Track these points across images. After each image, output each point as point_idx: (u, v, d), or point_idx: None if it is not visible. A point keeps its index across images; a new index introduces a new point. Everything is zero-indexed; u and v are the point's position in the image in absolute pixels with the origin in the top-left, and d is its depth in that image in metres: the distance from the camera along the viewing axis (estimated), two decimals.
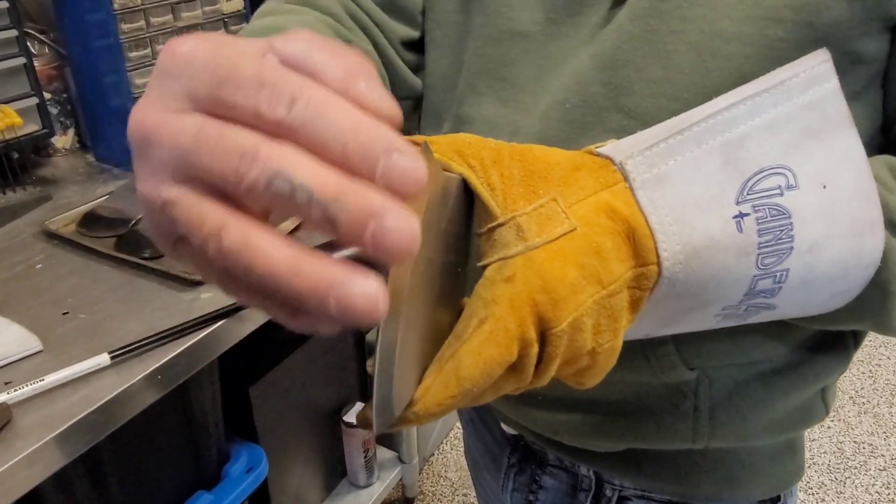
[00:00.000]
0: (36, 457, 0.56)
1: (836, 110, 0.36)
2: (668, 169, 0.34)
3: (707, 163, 0.35)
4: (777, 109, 0.35)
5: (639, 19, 0.43)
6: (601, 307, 0.33)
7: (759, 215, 0.35)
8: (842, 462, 1.84)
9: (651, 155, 0.34)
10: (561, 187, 0.33)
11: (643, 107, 0.43)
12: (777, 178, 0.35)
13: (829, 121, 0.36)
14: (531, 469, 0.65)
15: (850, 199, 0.36)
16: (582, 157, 0.35)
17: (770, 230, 0.35)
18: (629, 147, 0.34)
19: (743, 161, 0.35)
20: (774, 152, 0.35)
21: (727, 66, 0.41)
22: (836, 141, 0.36)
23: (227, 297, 0.82)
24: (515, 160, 0.33)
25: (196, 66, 0.22)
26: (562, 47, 0.47)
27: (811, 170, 0.35)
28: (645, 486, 0.58)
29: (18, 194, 0.97)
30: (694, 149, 0.34)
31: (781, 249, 0.36)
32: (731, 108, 0.35)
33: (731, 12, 0.40)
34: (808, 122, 0.35)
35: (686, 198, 0.34)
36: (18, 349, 0.66)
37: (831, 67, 0.35)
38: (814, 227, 0.36)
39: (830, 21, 0.39)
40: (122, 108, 1.04)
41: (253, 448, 1.10)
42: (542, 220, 0.32)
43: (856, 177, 0.36)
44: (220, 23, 1.14)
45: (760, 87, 0.35)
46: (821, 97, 0.35)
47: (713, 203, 0.35)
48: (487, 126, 0.51)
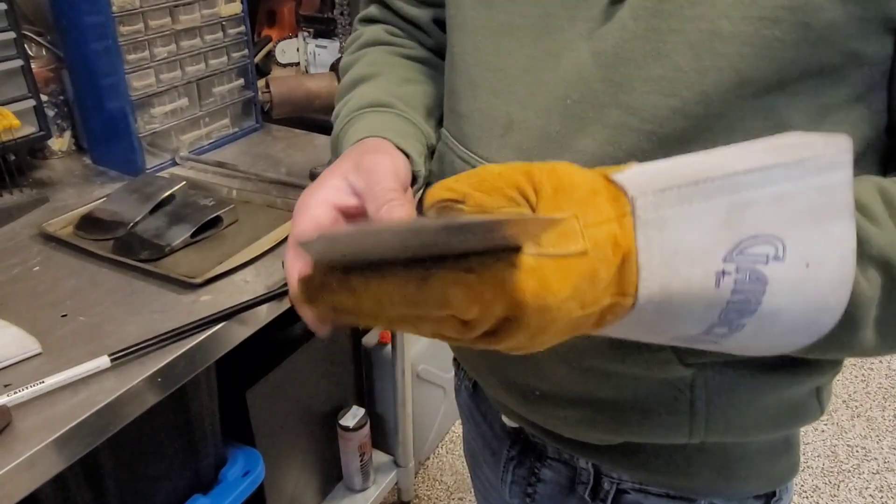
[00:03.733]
0: (36, 460, 0.56)
1: (843, 199, 0.37)
2: (673, 214, 0.36)
3: (710, 217, 0.36)
4: (789, 185, 0.36)
5: (641, 18, 0.43)
6: (571, 323, 0.35)
7: (739, 276, 0.37)
8: (835, 465, 1.85)
9: (662, 197, 0.36)
10: (582, 207, 0.35)
11: (642, 103, 0.44)
12: (768, 247, 0.37)
13: (833, 207, 0.37)
14: (530, 462, 0.65)
15: (826, 282, 0.38)
16: (600, 182, 0.36)
17: (743, 292, 0.38)
18: (644, 183, 0.36)
19: (742, 223, 0.36)
20: (774, 223, 0.37)
21: (725, 64, 0.41)
22: (833, 227, 0.37)
23: (226, 300, 0.82)
24: (546, 176, 0.36)
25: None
26: (557, 40, 0.47)
27: (801, 248, 0.37)
28: (642, 479, 0.59)
29: (15, 196, 0.97)
30: (702, 202, 0.36)
31: (746, 310, 0.38)
32: (748, 173, 0.36)
33: (729, 12, 0.41)
34: (814, 203, 0.37)
35: (680, 244, 0.36)
36: (17, 351, 0.66)
37: (850, 158, 0.37)
38: (782, 299, 0.38)
39: (827, 22, 0.40)
40: (120, 111, 1.04)
41: (249, 452, 1.09)
42: (561, 234, 0.34)
43: (839, 264, 0.38)
44: (219, 26, 1.14)
45: (781, 159, 0.36)
46: (833, 184, 0.37)
47: (703, 256, 0.36)
48: (482, 118, 0.52)
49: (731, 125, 0.43)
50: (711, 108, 0.43)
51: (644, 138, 0.44)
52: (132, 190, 0.95)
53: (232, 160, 1.12)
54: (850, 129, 0.44)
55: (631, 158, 0.45)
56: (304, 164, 1.13)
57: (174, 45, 1.08)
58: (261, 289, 0.78)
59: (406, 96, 0.59)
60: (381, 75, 0.61)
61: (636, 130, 0.44)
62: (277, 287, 0.77)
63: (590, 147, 0.46)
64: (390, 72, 0.61)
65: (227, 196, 1.00)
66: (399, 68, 0.62)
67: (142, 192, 0.94)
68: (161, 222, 0.89)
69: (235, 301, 0.74)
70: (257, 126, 1.27)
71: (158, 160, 1.11)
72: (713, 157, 0.37)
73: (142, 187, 0.95)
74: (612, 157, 0.45)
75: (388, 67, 0.62)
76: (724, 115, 0.43)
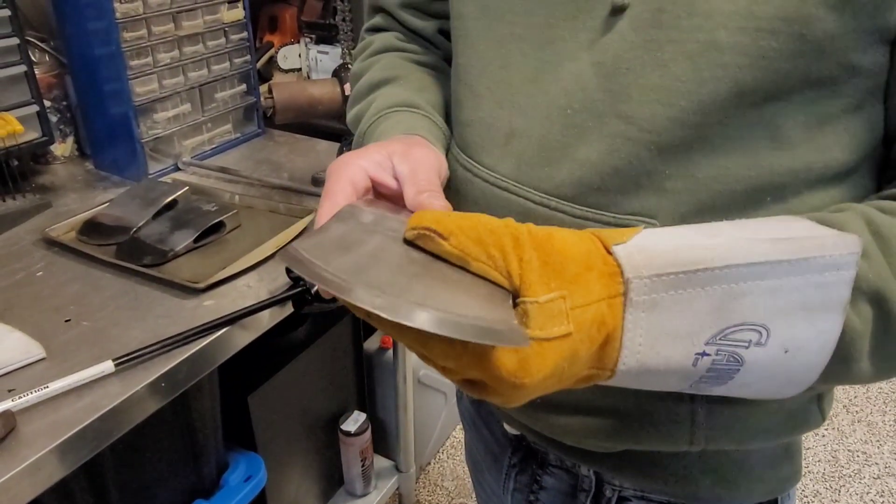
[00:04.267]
0: (41, 464, 0.56)
1: (837, 296, 0.38)
2: (665, 298, 0.36)
3: (701, 303, 0.37)
4: (788, 280, 0.37)
5: (640, 29, 0.44)
6: (547, 390, 0.37)
7: (717, 358, 0.38)
8: (836, 470, 1.85)
9: (657, 281, 0.36)
10: (572, 286, 0.35)
11: (640, 113, 0.44)
12: (753, 333, 0.38)
13: (826, 303, 0.38)
14: (532, 469, 0.65)
15: (799, 366, 0.40)
16: (597, 256, 0.37)
17: (717, 370, 0.39)
18: (643, 264, 0.36)
19: (733, 312, 0.37)
20: (764, 313, 0.38)
21: (723, 74, 0.42)
22: (821, 320, 0.38)
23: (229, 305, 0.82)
24: (535, 250, 0.36)
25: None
26: (558, 51, 0.48)
27: (785, 336, 0.38)
28: (644, 487, 0.59)
29: (18, 201, 0.97)
30: (697, 288, 0.37)
31: (716, 383, 0.40)
32: (751, 266, 0.37)
33: (726, 23, 0.41)
34: (809, 298, 0.38)
35: (666, 327, 0.37)
36: (21, 356, 0.66)
37: (856, 258, 0.37)
38: (753, 376, 0.40)
39: (822, 33, 0.40)
40: (123, 116, 1.04)
41: (251, 457, 1.09)
42: (546, 316, 0.34)
43: (817, 353, 0.39)
44: (221, 32, 1.14)
45: (786, 255, 0.37)
46: (832, 282, 0.38)
47: (686, 339, 0.38)
48: (484, 127, 0.52)
49: (729, 134, 0.43)
50: (709, 118, 0.43)
51: (643, 147, 0.44)
52: (135, 195, 0.96)
53: (234, 165, 1.13)
54: (846, 138, 0.45)
55: (628, 167, 0.45)
56: (306, 170, 1.13)
57: (177, 51, 1.08)
58: (263, 294, 0.79)
59: (429, 101, 0.60)
60: (401, 79, 0.61)
61: (635, 139, 0.45)
62: (280, 292, 0.78)
63: (590, 156, 0.46)
64: (408, 76, 0.62)
65: (229, 201, 1.00)
66: (415, 73, 0.63)
67: (144, 197, 0.95)
68: (164, 227, 0.89)
69: (238, 306, 0.74)
70: (259, 131, 1.28)
71: (161, 165, 1.11)
72: (719, 240, 0.38)
73: (144, 192, 0.96)
74: (611, 166, 0.45)
75: (405, 72, 0.62)
76: (721, 124, 0.43)
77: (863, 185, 0.48)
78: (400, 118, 0.56)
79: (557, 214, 0.48)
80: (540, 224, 0.48)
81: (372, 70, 0.63)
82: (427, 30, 0.65)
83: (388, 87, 0.61)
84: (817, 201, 0.45)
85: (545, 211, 0.48)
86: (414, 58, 0.64)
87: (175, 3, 1.05)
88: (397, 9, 0.66)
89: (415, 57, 0.64)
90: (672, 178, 0.45)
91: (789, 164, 0.44)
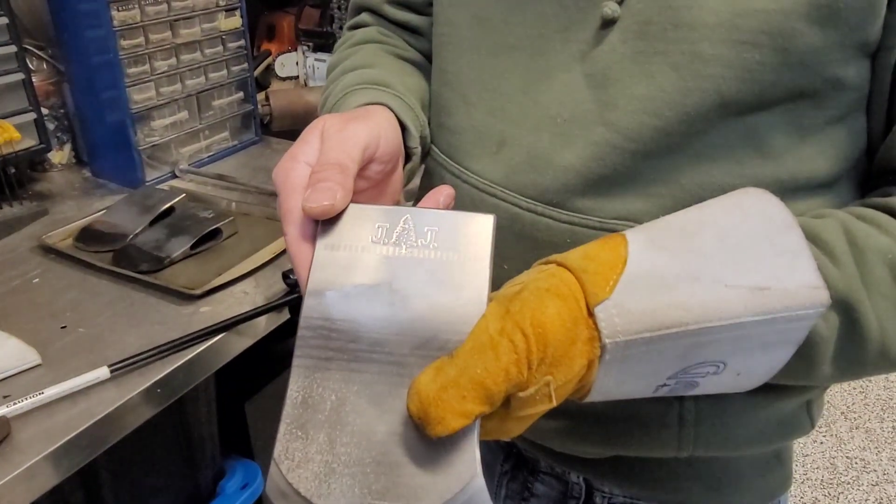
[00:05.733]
0: (35, 471, 0.56)
1: (796, 337, 0.39)
2: (638, 353, 0.38)
3: (670, 354, 0.38)
4: (756, 330, 0.38)
5: (629, 41, 0.44)
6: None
7: (675, 387, 0.41)
8: (835, 477, 1.84)
9: (633, 342, 0.37)
10: (556, 369, 0.36)
11: (626, 122, 0.45)
12: (711, 367, 0.40)
13: (786, 342, 0.39)
14: (523, 476, 0.65)
15: (748, 382, 0.42)
16: (580, 325, 0.37)
17: (674, 391, 0.41)
18: (621, 327, 0.37)
19: (697, 356, 0.39)
20: (725, 353, 0.39)
21: (707, 86, 0.42)
22: (777, 352, 0.40)
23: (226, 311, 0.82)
24: (536, 352, 0.36)
25: None
26: (549, 61, 0.48)
27: (739, 365, 0.40)
28: (633, 494, 0.59)
29: (15, 208, 0.97)
30: (669, 343, 0.38)
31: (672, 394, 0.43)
32: (721, 328, 0.37)
33: (710, 35, 0.42)
34: (769, 339, 0.39)
35: (633, 371, 0.39)
36: (17, 363, 0.66)
37: (822, 312, 0.38)
38: (706, 390, 0.42)
39: (805, 47, 0.41)
40: (120, 124, 1.05)
41: (248, 464, 1.09)
42: (531, 402, 0.36)
43: (767, 372, 0.41)
44: (218, 40, 1.15)
45: (757, 314, 0.37)
46: (793, 328, 0.39)
47: (651, 377, 0.40)
48: (475, 135, 0.52)
49: (713, 144, 0.44)
50: (694, 128, 0.43)
51: (628, 156, 0.45)
52: (132, 202, 0.96)
53: (231, 173, 1.13)
54: (830, 149, 0.45)
55: (614, 174, 0.45)
56: None
57: (174, 59, 1.09)
58: (260, 300, 0.79)
59: (407, 85, 0.58)
60: (378, 66, 0.59)
61: (620, 148, 0.45)
62: (277, 298, 0.78)
63: (574, 163, 0.47)
64: (387, 65, 0.60)
65: (226, 208, 1.01)
66: (395, 63, 0.61)
67: (141, 204, 0.95)
68: (161, 234, 0.90)
69: (234, 312, 0.74)
70: (256, 139, 1.28)
71: (158, 173, 1.11)
72: (698, 294, 0.38)
73: (141, 200, 0.96)
74: (596, 173, 0.46)
75: (385, 61, 0.61)
76: (706, 134, 0.43)
77: (847, 194, 0.48)
78: (368, 93, 0.53)
79: (544, 220, 0.48)
80: (527, 230, 0.49)
81: (350, 59, 0.61)
82: (413, 21, 0.64)
83: (363, 70, 0.58)
84: (802, 209, 0.46)
85: (532, 216, 0.49)
86: (395, 51, 0.63)
87: (173, 11, 1.06)
88: (383, 4, 0.65)
89: (396, 51, 0.63)
90: (656, 184, 0.45)
91: (774, 174, 0.45)
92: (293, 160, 0.42)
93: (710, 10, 0.41)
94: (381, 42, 0.64)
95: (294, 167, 0.42)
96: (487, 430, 0.37)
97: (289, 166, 0.42)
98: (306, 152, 0.43)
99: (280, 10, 1.53)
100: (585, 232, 0.47)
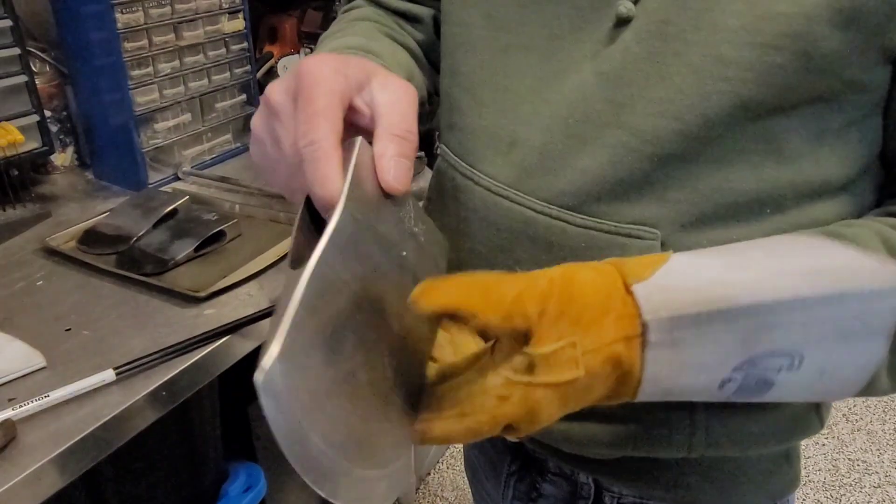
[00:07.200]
0: (41, 474, 0.56)
1: (881, 324, 0.36)
2: (688, 336, 0.36)
3: (726, 337, 0.36)
4: (823, 310, 0.36)
5: (644, 41, 0.44)
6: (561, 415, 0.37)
7: (745, 382, 0.38)
8: (836, 479, 1.84)
9: (679, 320, 0.35)
10: (584, 332, 0.35)
11: (644, 125, 0.44)
12: (784, 359, 0.37)
13: (867, 330, 0.37)
14: (531, 477, 0.65)
15: (837, 384, 0.39)
16: (616, 297, 0.36)
17: (745, 393, 0.38)
18: (662, 304, 0.36)
19: (762, 341, 0.36)
20: (796, 341, 0.36)
21: (727, 89, 0.42)
22: (863, 344, 0.37)
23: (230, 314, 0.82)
24: (558, 295, 0.35)
25: None
26: (562, 61, 0.48)
27: (820, 360, 0.37)
28: (643, 494, 0.59)
29: (18, 211, 0.97)
30: (723, 324, 0.36)
31: (748, 398, 0.39)
32: (778, 304, 0.35)
33: (731, 38, 0.41)
34: (847, 327, 0.36)
35: (689, 360, 0.36)
36: (22, 365, 0.66)
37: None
38: (786, 394, 0.39)
39: (828, 51, 0.40)
40: (123, 126, 1.05)
41: (251, 467, 1.09)
42: (555, 363, 0.34)
43: (856, 372, 0.38)
44: (222, 42, 1.15)
45: (818, 290, 0.35)
46: (873, 311, 0.36)
47: (713, 368, 0.37)
48: (486, 135, 0.52)
49: (731, 147, 0.44)
50: (712, 131, 0.43)
51: (645, 158, 0.45)
52: (135, 204, 0.96)
53: (234, 175, 1.13)
54: (846, 152, 0.45)
55: (631, 178, 0.45)
56: None
57: (178, 61, 1.09)
58: (264, 302, 0.79)
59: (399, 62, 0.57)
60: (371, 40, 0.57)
61: (637, 151, 0.45)
62: None
63: (590, 166, 0.46)
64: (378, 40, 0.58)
65: (229, 210, 1.01)
66: (386, 42, 0.59)
67: (145, 206, 0.95)
68: (164, 237, 0.89)
69: (239, 315, 0.74)
70: None
71: (161, 175, 1.11)
72: (746, 275, 0.36)
73: (145, 202, 0.96)
74: (613, 177, 0.46)
75: (376, 37, 0.58)
76: (724, 137, 0.43)
77: (862, 198, 0.48)
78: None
79: (559, 223, 0.48)
80: (542, 233, 0.48)
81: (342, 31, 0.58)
82: (413, 9, 0.64)
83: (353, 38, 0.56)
84: (818, 213, 0.46)
85: (546, 220, 0.48)
86: (390, 32, 0.62)
87: (176, 13, 1.06)
88: None
89: (391, 32, 0.62)
90: (674, 189, 0.45)
91: (790, 178, 0.44)
92: (335, 66, 0.37)
93: (731, 13, 0.41)
94: (377, 22, 0.62)
95: (335, 73, 0.36)
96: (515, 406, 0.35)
97: (328, 67, 0.36)
98: (348, 69, 0.38)
99: (283, 12, 1.53)
100: (601, 236, 0.47)
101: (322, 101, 0.35)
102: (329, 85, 0.36)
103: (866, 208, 0.48)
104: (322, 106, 0.35)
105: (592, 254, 0.47)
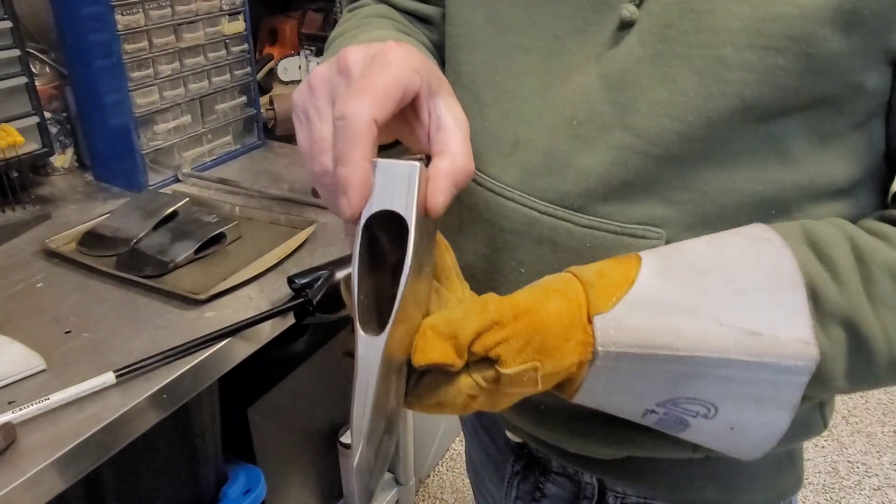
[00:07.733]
0: (41, 477, 0.56)
1: (788, 397, 0.40)
2: (627, 368, 0.40)
3: (658, 377, 0.40)
4: (745, 373, 0.39)
5: (648, 43, 0.44)
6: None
7: (664, 417, 0.42)
8: (836, 482, 1.84)
9: (625, 354, 0.39)
10: (546, 357, 0.39)
11: (647, 126, 0.44)
12: (701, 407, 0.41)
13: (776, 400, 0.40)
14: (534, 476, 0.65)
15: (746, 442, 0.43)
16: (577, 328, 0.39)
17: (665, 426, 0.43)
18: (614, 339, 0.39)
19: (687, 387, 0.40)
20: (715, 393, 0.40)
21: (730, 90, 0.42)
22: (770, 413, 0.41)
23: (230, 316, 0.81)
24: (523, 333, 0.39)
25: None
26: (565, 63, 0.48)
27: (732, 417, 0.41)
28: (647, 494, 0.59)
29: (17, 213, 0.97)
30: (658, 365, 0.39)
31: (668, 431, 0.44)
32: (709, 360, 0.39)
33: (734, 39, 0.41)
34: (760, 392, 0.40)
35: (623, 386, 0.41)
36: (22, 368, 0.65)
37: (812, 369, 0.39)
38: (700, 438, 0.43)
39: (830, 53, 0.41)
40: (123, 128, 1.04)
41: (251, 469, 1.09)
42: (517, 381, 0.39)
43: (765, 437, 0.42)
44: (222, 44, 1.15)
45: (746, 356, 0.39)
46: (785, 383, 0.40)
47: (639, 398, 0.41)
48: (489, 136, 0.52)
49: (735, 149, 0.44)
50: (716, 133, 0.43)
51: (650, 160, 0.45)
52: (135, 206, 0.95)
53: (234, 177, 1.13)
54: (849, 155, 0.45)
55: (635, 179, 0.45)
56: (306, 181, 1.13)
57: (178, 63, 1.08)
58: (264, 305, 0.78)
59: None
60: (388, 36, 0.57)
61: (641, 152, 0.45)
62: (281, 303, 0.77)
63: (595, 167, 0.46)
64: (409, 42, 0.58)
65: (230, 213, 1.00)
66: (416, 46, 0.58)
67: (145, 208, 0.94)
68: (164, 239, 0.89)
69: (239, 317, 0.74)
70: (259, 143, 1.28)
71: (161, 177, 1.11)
72: (695, 325, 0.39)
73: (145, 204, 0.96)
74: (618, 178, 0.46)
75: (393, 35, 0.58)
76: (727, 139, 0.43)
77: (866, 200, 0.48)
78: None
79: (564, 224, 0.48)
80: (546, 234, 0.48)
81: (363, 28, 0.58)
82: (423, 10, 0.64)
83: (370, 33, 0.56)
84: (823, 214, 0.46)
85: (551, 221, 0.48)
86: (404, 29, 0.62)
87: (176, 15, 1.05)
88: None
89: (405, 29, 0.62)
90: (678, 190, 0.45)
91: (794, 180, 0.44)
92: (408, 59, 0.36)
93: (733, 15, 0.41)
94: (394, 20, 0.63)
95: (405, 66, 0.36)
96: (481, 402, 0.40)
97: (400, 58, 0.36)
98: (421, 67, 0.37)
99: (283, 14, 1.53)
100: (606, 237, 0.47)
101: (381, 84, 0.35)
102: (393, 72, 0.35)
103: (871, 209, 0.48)
104: (381, 90, 0.35)
105: (598, 254, 0.47)
